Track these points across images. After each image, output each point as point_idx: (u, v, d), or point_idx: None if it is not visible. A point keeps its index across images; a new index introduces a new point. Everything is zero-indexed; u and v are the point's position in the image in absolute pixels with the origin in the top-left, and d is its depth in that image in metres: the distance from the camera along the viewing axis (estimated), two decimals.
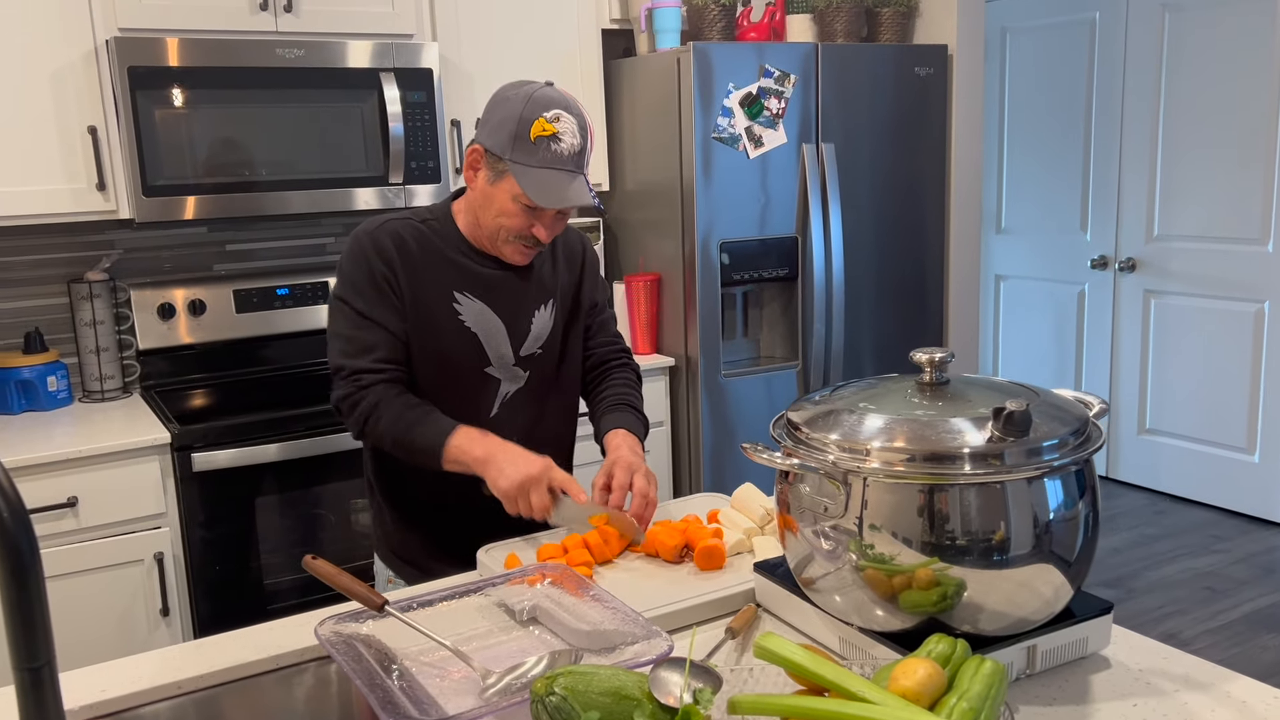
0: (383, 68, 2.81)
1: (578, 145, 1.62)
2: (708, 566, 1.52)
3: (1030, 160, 4.92)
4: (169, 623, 2.55)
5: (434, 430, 1.64)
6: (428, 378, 1.72)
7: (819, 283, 3.22)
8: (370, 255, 1.67)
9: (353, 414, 1.67)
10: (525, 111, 1.60)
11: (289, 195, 2.75)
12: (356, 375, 1.66)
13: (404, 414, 1.65)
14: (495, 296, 1.74)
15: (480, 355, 1.74)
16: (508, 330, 1.75)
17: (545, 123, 1.60)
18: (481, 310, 1.73)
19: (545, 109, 1.61)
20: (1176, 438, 4.49)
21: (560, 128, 1.60)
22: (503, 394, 1.77)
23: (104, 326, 2.84)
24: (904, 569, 1.14)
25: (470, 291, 1.72)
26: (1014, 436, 1.12)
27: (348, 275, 1.69)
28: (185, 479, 2.51)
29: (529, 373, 1.79)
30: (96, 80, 2.58)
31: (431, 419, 1.66)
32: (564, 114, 1.61)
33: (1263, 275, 4.08)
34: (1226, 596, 3.59)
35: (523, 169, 1.61)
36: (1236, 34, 4.04)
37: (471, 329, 1.72)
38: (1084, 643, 1.23)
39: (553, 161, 1.61)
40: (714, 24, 3.25)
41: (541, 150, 1.60)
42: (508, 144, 1.61)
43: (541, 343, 1.79)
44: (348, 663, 1.19)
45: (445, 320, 1.70)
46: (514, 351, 1.76)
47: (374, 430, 1.67)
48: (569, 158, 1.62)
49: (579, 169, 1.64)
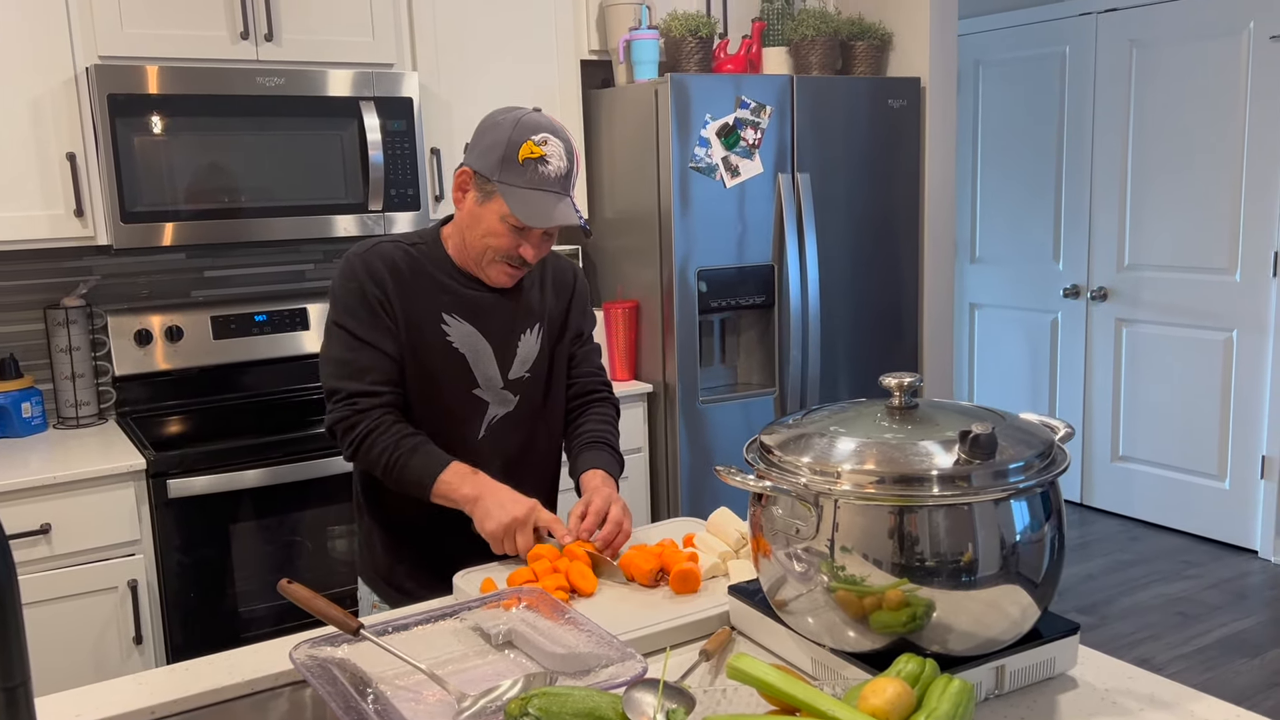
0: (363, 96, 2.83)
1: (564, 168, 1.67)
2: (683, 590, 1.53)
3: (1003, 191, 5.00)
4: (142, 651, 2.53)
5: (425, 464, 1.66)
6: (417, 398, 1.74)
7: (795, 310, 3.26)
8: (363, 277, 1.70)
9: (347, 438, 1.69)
10: (514, 135, 1.64)
11: (268, 222, 2.76)
12: (352, 399, 1.68)
13: (398, 443, 1.67)
14: (483, 319, 1.76)
15: (468, 377, 1.76)
16: (495, 353, 1.77)
17: (533, 145, 1.64)
18: (469, 332, 1.75)
19: (533, 132, 1.65)
20: (1149, 464, 4.54)
21: (548, 150, 1.65)
22: (490, 417, 1.79)
23: (80, 353, 2.83)
24: (874, 590, 1.15)
25: (458, 313, 1.75)
26: (980, 459, 1.14)
27: (341, 299, 1.71)
28: (160, 505, 2.50)
29: (518, 397, 1.81)
30: (76, 107, 2.59)
31: (424, 450, 1.68)
32: (551, 138, 1.66)
33: (1231, 304, 4.15)
34: (1199, 622, 3.63)
35: (510, 189, 1.65)
36: (1203, 68, 4.13)
37: (459, 350, 1.75)
38: (1051, 663, 1.25)
39: (540, 183, 1.65)
40: (691, 55, 3.30)
41: (529, 172, 1.64)
42: (496, 166, 1.65)
43: (529, 366, 1.82)
44: (322, 686, 1.19)
45: (434, 341, 1.73)
46: (502, 374, 1.79)
47: (366, 456, 1.69)
48: (555, 180, 1.66)
49: (565, 191, 1.68)
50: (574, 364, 1.92)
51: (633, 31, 3.23)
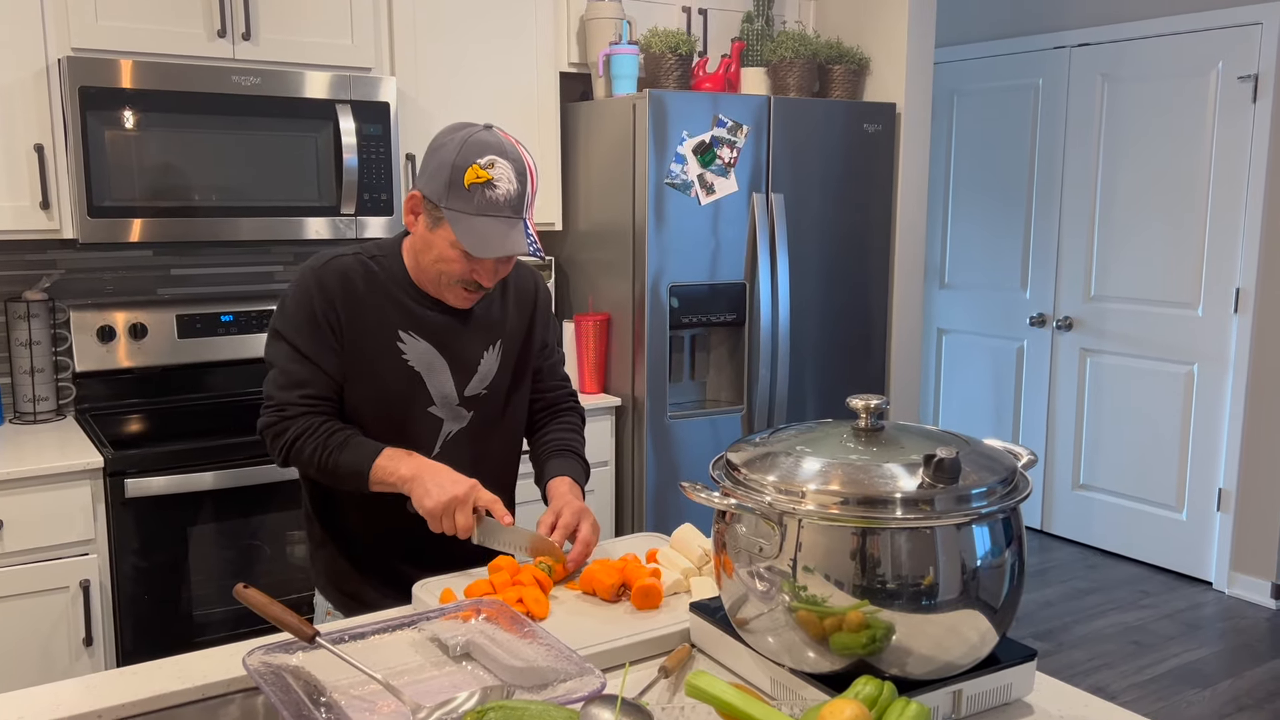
0: (339, 99, 2.81)
1: (514, 191, 1.59)
2: (644, 606, 1.52)
3: (974, 218, 5.06)
4: (92, 653, 2.48)
5: (358, 454, 1.64)
6: (369, 416, 1.71)
7: (765, 329, 3.27)
8: (314, 294, 1.66)
9: (277, 444, 1.67)
10: (458, 159, 1.57)
11: (238, 222, 2.73)
12: (282, 406, 1.67)
13: (327, 441, 1.65)
14: (441, 337, 1.72)
15: (423, 395, 1.73)
16: (452, 371, 1.74)
17: (479, 169, 1.56)
18: (426, 350, 1.72)
19: (479, 155, 1.57)
20: (1109, 494, 4.59)
21: (495, 174, 1.57)
22: (445, 433, 1.76)
23: (40, 347, 2.78)
24: (835, 611, 1.15)
25: (415, 331, 1.71)
26: (944, 483, 1.14)
27: (289, 313, 1.68)
28: (117, 505, 2.46)
29: (473, 413, 1.78)
30: (46, 98, 2.55)
31: (354, 442, 1.65)
32: (499, 159, 1.58)
33: (1193, 338, 4.21)
34: (1153, 651, 3.66)
35: (458, 216, 1.58)
36: (1172, 105, 4.20)
37: (415, 368, 1.71)
38: (1008, 688, 1.26)
39: (488, 208, 1.58)
40: (670, 72, 3.31)
41: (477, 197, 1.57)
42: (443, 191, 1.58)
43: (487, 383, 1.78)
44: (275, 693, 1.17)
45: (388, 359, 1.70)
46: (459, 392, 1.76)
47: (298, 457, 1.67)
48: (505, 204, 1.58)
49: (518, 214, 1.60)
50: (540, 377, 1.90)
51: (613, 46, 3.24)
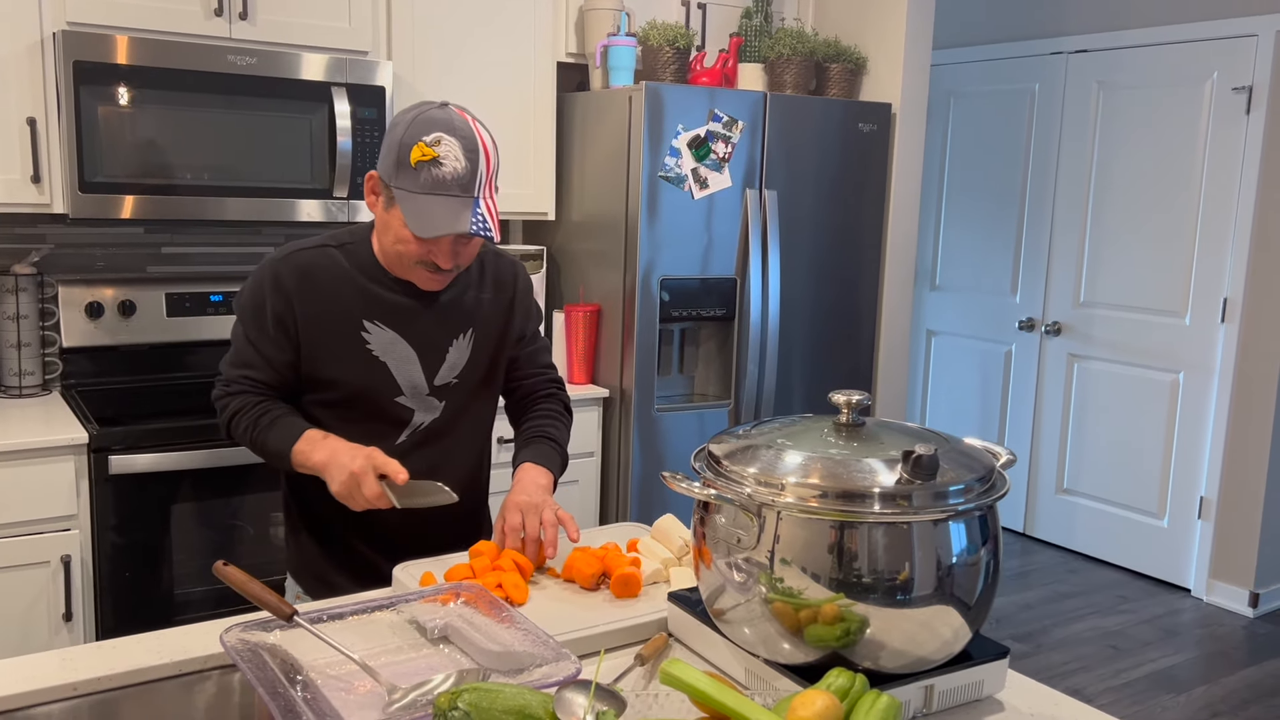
0: (335, 82, 2.81)
1: (462, 169, 1.55)
2: (623, 594, 1.53)
3: (967, 221, 5.07)
4: (71, 628, 2.48)
5: (282, 435, 1.63)
6: (336, 407, 1.70)
7: (755, 325, 3.28)
8: (268, 290, 1.66)
9: (221, 416, 1.71)
10: (405, 136, 1.55)
11: (230, 201, 2.72)
12: (228, 382, 1.70)
13: (258, 420, 1.65)
14: (408, 325, 1.70)
15: (390, 385, 1.70)
16: (420, 360, 1.71)
17: (425, 147, 1.54)
18: (393, 339, 1.69)
19: (426, 132, 1.55)
20: (1092, 499, 4.62)
21: (441, 151, 1.54)
22: (415, 425, 1.74)
23: (27, 321, 2.78)
24: (811, 603, 1.16)
25: (381, 320, 1.68)
26: (922, 479, 1.15)
27: (244, 301, 1.69)
28: (100, 481, 2.46)
29: (444, 403, 1.75)
30: (40, 72, 2.54)
31: (282, 422, 1.65)
32: (445, 137, 1.54)
33: (1179, 347, 4.24)
34: (1130, 656, 3.69)
35: (406, 195, 1.56)
36: (1166, 114, 4.22)
37: (381, 359, 1.69)
38: (980, 685, 1.27)
39: (435, 187, 1.55)
40: (667, 65, 3.31)
41: (423, 175, 1.54)
42: (393, 170, 1.57)
43: (458, 372, 1.75)
44: (251, 670, 1.18)
45: (352, 350, 1.68)
46: (428, 381, 1.73)
47: (235, 432, 1.69)
48: (453, 182, 1.55)
49: (467, 193, 1.56)
50: (518, 366, 1.87)
51: (611, 37, 3.24)
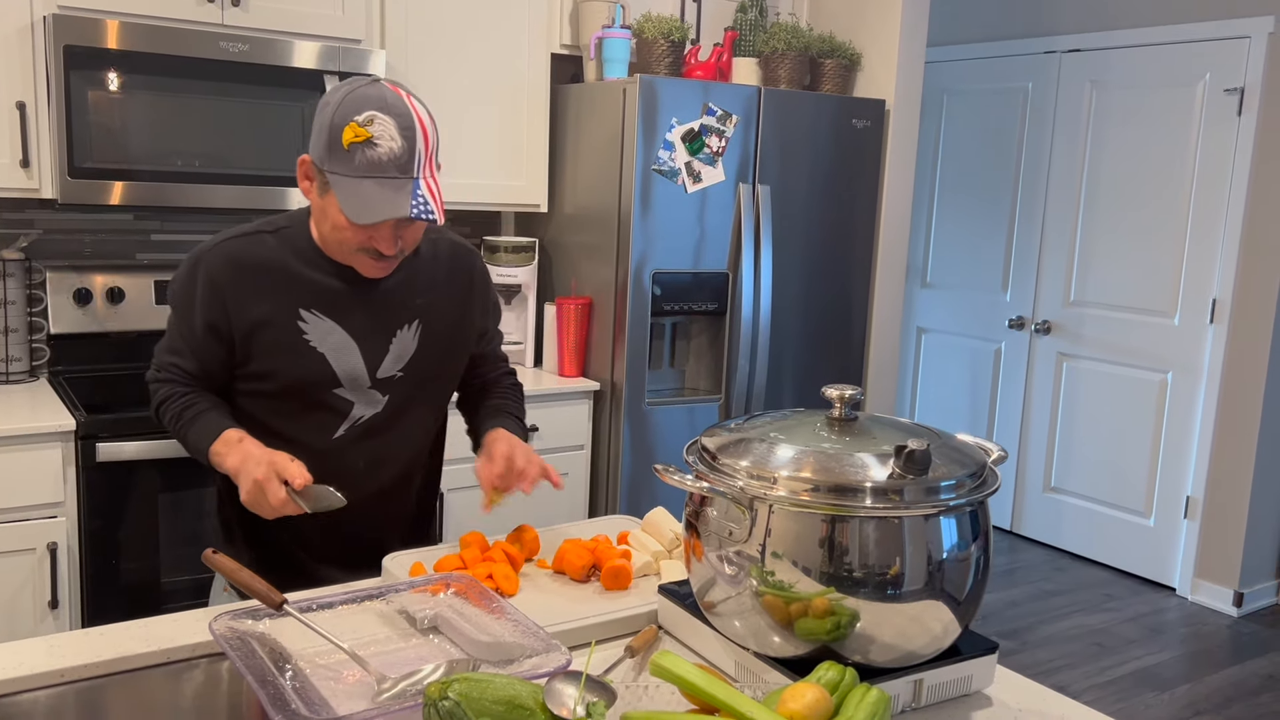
0: (327, 70, 2.79)
1: (399, 149, 1.45)
2: (613, 586, 1.53)
3: (959, 219, 5.08)
4: (57, 616, 2.47)
5: (203, 431, 1.56)
6: (267, 397, 1.62)
7: (747, 319, 3.28)
8: (199, 286, 1.58)
9: (152, 400, 1.64)
10: (336, 116, 1.46)
11: (220, 189, 2.71)
12: (159, 368, 1.64)
13: (182, 412, 1.59)
14: (348, 315, 1.61)
15: (328, 376, 1.61)
16: (361, 350, 1.62)
17: (357, 127, 1.44)
18: (331, 329, 1.60)
19: (357, 111, 1.45)
20: (1079, 497, 4.64)
21: (375, 131, 1.44)
22: (355, 418, 1.65)
23: (15, 307, 2.76)
24: (802, 597, 1.17)
25: (319, 309, 1.59)
26: (913, 474, 1.16)
27: (177, 291, 1.61)
28: (87, 469, 2.45)
29: (388, 396, 1.66)
30: (30, 56, 2.52)
31: (204, 419, 1.57)
32: (379, 115, 1.45)
33: (1168, 347, 4.26)
34: (1114, 654, 3.71)
35: (340, 179, 1.47)
36: (1158, 114, 4.23)
37: (318, 349, 1.60)
38: (969, 680, 1.27)
39: (371, 170, 1.45)
40: (662, 58, 3.31)
41: (357, 157, 1.45)
42: (325, 153, 1.47)
43: (402, 365, 1.66)
44: (240, 659, 1.17)
45: (287, 340, 1.59)
46: (369, 374, 1.63)
47: (164, 420, 1.63)
48: (390, 163, 1.45)
49: (406, 174, 1.47)
50: (476, 364, 1.81)
51: (605, 29, 3.23)
